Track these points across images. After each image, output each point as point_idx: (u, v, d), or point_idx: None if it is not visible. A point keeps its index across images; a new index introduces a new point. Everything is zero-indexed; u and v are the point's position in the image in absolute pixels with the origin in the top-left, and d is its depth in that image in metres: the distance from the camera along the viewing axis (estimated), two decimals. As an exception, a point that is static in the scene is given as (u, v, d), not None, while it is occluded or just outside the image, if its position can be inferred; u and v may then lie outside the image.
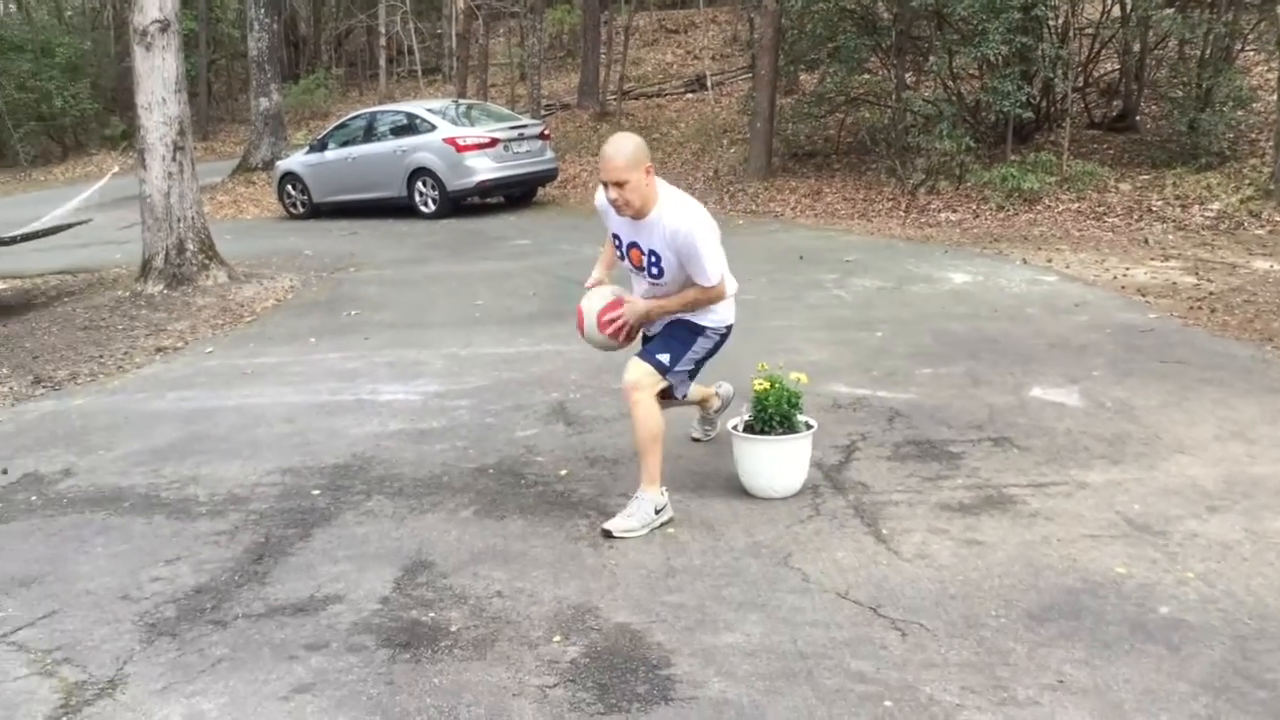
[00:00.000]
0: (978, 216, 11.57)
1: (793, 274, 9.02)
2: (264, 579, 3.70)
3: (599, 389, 5.90)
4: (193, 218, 9.81)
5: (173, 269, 9.63)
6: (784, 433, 4.22)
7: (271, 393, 6.22)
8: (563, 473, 4.65)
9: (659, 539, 3.91)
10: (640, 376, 4.09)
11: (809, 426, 4.29)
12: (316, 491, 4.53)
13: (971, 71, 14.05)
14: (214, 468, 4.91)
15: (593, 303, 4.27)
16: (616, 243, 4.21)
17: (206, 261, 9.86)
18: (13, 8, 30.16)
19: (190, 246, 9.74)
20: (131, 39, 9.80)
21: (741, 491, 4.30)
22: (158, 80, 9.56)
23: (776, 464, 4.24)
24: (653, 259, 4.04)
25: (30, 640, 3.33)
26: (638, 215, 3.94)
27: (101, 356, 7.47)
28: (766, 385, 4.25)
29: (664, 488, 4.10)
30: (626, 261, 4.21)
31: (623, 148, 3.83)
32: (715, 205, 13.83)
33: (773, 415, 4.23)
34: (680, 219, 3.89)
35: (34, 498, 4.62)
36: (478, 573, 3.69)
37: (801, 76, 17.45)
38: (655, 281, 4.11)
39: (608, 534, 3.94)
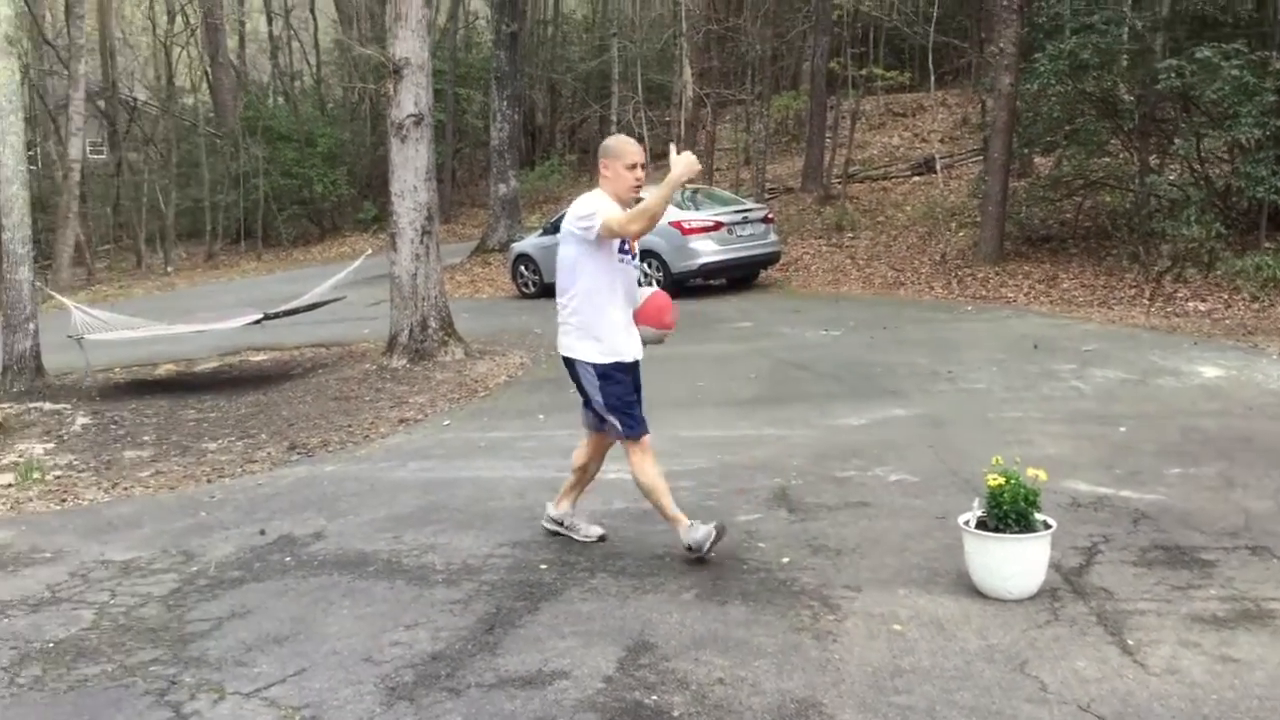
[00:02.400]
0: (1229, 307, 10.87)
1: (1026, 363, 8.71)
2: (495, 649, 3.82)
3: (821, 476, 5.84)
4: (435, 297, 10.39)
5: (416, 345, 10.19)
6: (1020, 531, 4.06)
7: (503, 466, 6.46)
8: (785, 560, 4.61)
9: (886, 635, 3.81)
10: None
11: (1047, 526, 4.11)
12: (544, 566, 4.65)
13: (1221, 154, 13.33)
14: (450, 537, 5.13)
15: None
16: (624, 244, 4.63)
17: (446, 338, 10.40)
18: (281, 100, 33.02)
19: (432, 324, 10.31)
20: (389, 131, 10.56)
21: (973, 590, 4.14)
22: (410, 170, 10.24)
23: (1012, 564, 4.07)
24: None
25: (281, 697, 3.54)
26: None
27: (350, 425, 7.96)
28: (1002, 481, 4.10)
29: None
30: (626, 253, 4.67)
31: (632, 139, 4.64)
32: (943, 289, 13.56)
33: (1008, 512, 4.07)
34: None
35: (288, 558, 4.95)
36: (699, 658, 3.69)
37: (1036, 160, 17.00)
38: (634, 260, 4.80)
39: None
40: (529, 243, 16.60)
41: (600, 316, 4.59)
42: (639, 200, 4.49)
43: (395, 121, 10.36)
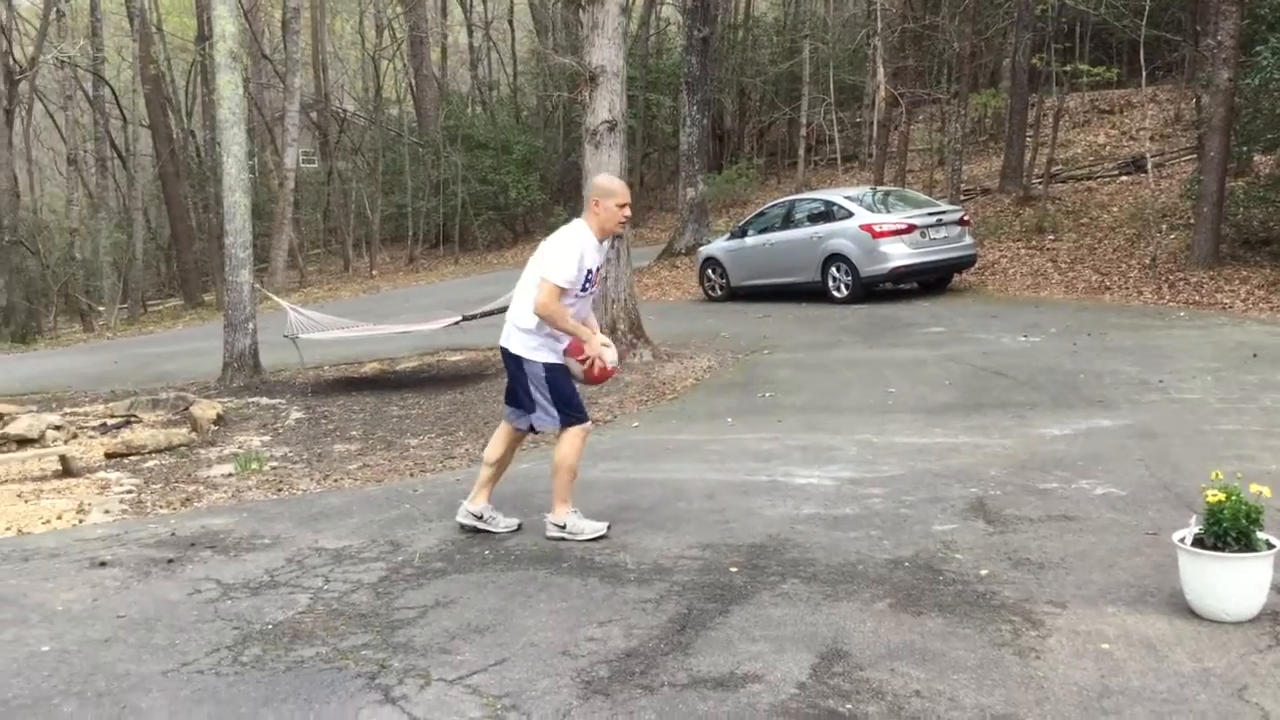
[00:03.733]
0: None
1: (1244, 373, 8.19)
2: (687, 649, 3.85)
3: (1022, 487, 5.65)
4: (625, 299, 10.55)
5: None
6: (1241, 550, 3.82)
7: (691, 469, 6.51)
8: (983, 572, 4.48)
9: (1092, 654, 3.66)
10: None
11: (1270, 545, 3.86)
12: (734, 569, 4.66)
13: None
14: (640, 537, 5.20)
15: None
16: (589, 277, 4.99)
17: (635, 340, 10.55)
18: (479, 109, 34.19)
19: (621, 326, 10.47)
20: (583, 138, 10.79)
21: (1187, 611, 3.93)
22: (603, 175, 10.42)
23: (1231, 584, 3.84)
24: (603, 270, 5.29)
25: (483, 685, 3.67)
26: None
27: (543, 425, 8.17)
28: (1222, 497, 3.87)
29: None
30: (589, 289, 5.05)
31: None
32: (1153, 295, 12.91)
33: (1228, 530, 3.85)
34: None
35: (487, 552, 5.12)
36: (895, 669, 3.62)
37: (1256, 158, 15.94)
38: (594, 288, 5.19)
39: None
40: (716, 246, 16.67)
41: (557, 337, 5.06)
42: (619, 235, 5.18)
43: (590, 128, 10.57)
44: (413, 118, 34.64)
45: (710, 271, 16.43)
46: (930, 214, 14.63)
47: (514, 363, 5.13)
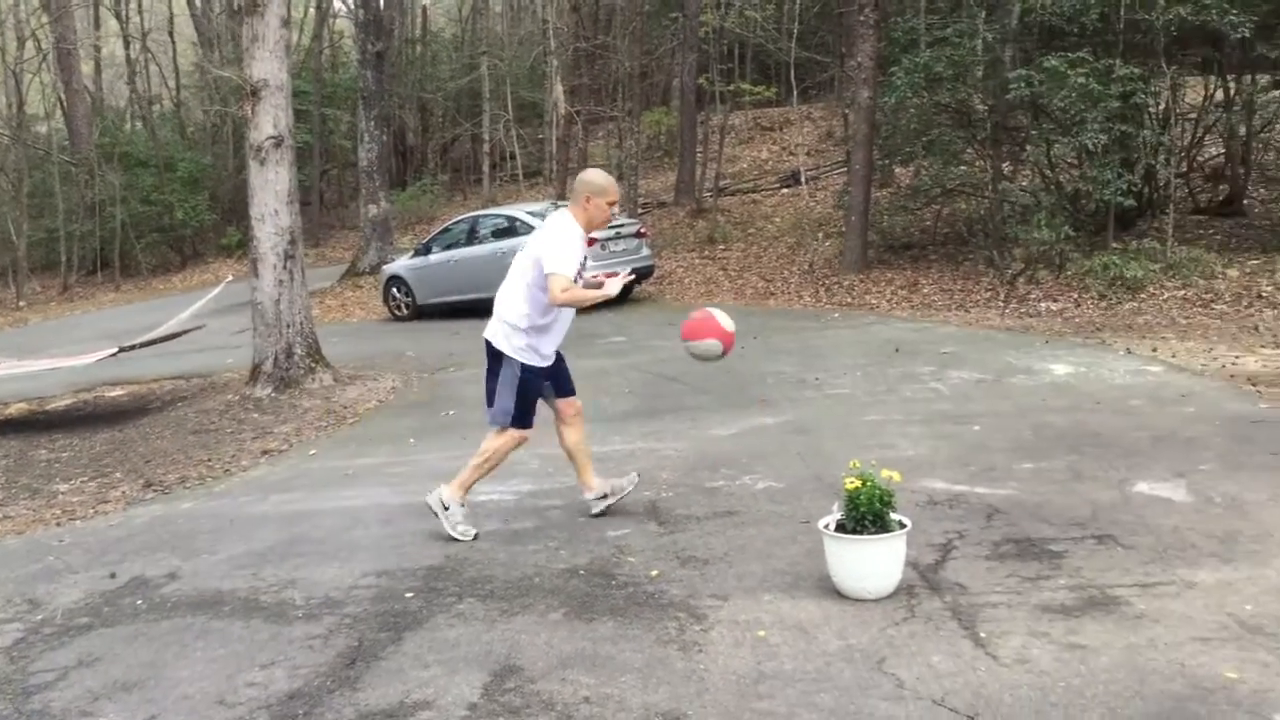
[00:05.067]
0: (1079, 306, 11.35)
1: (888, 367, 8.93)
2: (355, 684, 3.74)
3: (692, 487, 5.89)
4: (301, 323, 10.16)
5: (281, 373, 9.95)
6: (876, 532, 4.15)
7: (370, 494, 6.34)
8: (653, 573, 4.63)
9: (750, 642, 3.85)
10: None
11: (902, 525, 4.21)
12: (410, 594, 4.58)
13: (1070, 160, 13.92)
14: (311, 570, 5.01)
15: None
16: (583, 267, 5.09)
17: (313, 365, 10.18)
18: (139, 125, 31.97)
19: (298, 351, 10.07)
20: (247, 154, 10.31)
21: (835, 593, 4.22)
22: (270, 193, 10.01)
23: (869, 564, 4.16)
24: (583, 261, 5.17)
25: (131, 742, 3.41)
26: None
27: (210, 460, 7.72)
28: (858, 483, 4.19)
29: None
30: (577, 282, 5.05)
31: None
32: (811, 298, 13.83)
33: (865, 514, 4.16)
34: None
35: (139, 601, 4.76)
36: (566, 678, 3.67)
37: (897, 170, 17.49)
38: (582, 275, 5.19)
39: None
40: (401, 264, 16.40)
41: (543, 336, 5.19)
42: (602, 229, 5.44)
43: (254, 144, 10.13)
44: (63, 135, 31.90)
45: (395, 290, 16.14)
46: (610, 227, 15.01)
47: (496, 359, 5.19)
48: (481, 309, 14.96)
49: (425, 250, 16.06)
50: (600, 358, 10.74)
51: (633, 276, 5.14)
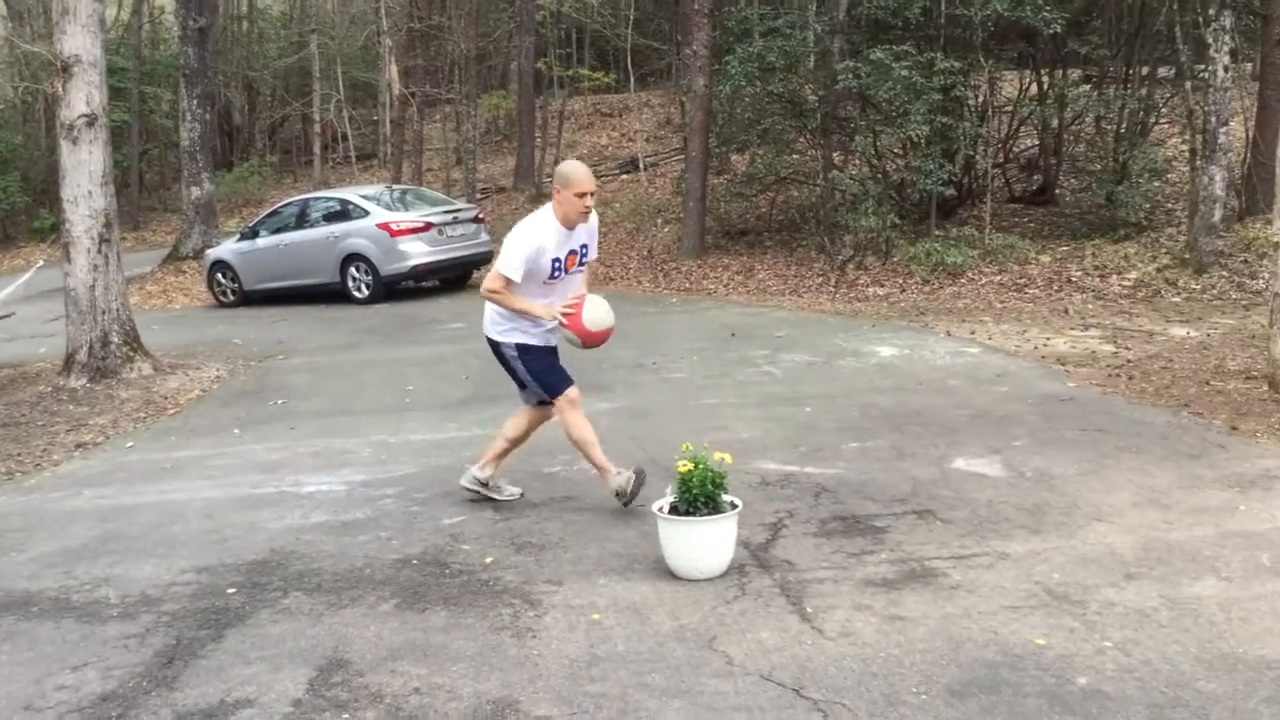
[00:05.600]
0: (904, 291, 11.78)
1: (724, 351, 9.08)
2: (173, 684, 3.58)
3: (528, 473, 5.86)
4: (118, 310, 9.67)
5: (96, 362, 9.46)
6: (709, 513, 4.21)
7: (191, 487, 6.09)
8: (488, 560, 4.58)
9: (584, 626, 3.86)
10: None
11: (734, 506, 4.28)
12: (232, 590, 4.41)
13: (896, 150, 14.42)
14: (127, 568, 4.77)
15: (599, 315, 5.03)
16: (555, 265, 4.94)
17: (131, 354, 9.71)
18: (-59, 102, 29.88)
19: (115, 339, 9.59)
20: (59, 133, 9.74)
21: (668, 574, 4.26)
22: (84, 174, 9.48)
23: (701, 545, 4.22)
24: (583, 251, 5.07)
25: (-78, 758, 3.18)
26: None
27: (19, 454, 7.28)
28: (690, 466, 4.24)
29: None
30: (561, 273, 4.99)
31: (588, 169, 5.00)
32: (650, 284, 13.95)
33: (697, 496, 4.22)
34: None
35: (-63, 605, 4.45)
36: (395, 669, 3.60)
37: (733, 157, 17.78)
38: (579, 268, 5.10)
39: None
40: (226, 249, 15.79)
41: (528, 322, 5.06)
42: (583, 222, 4.96)
43: (65, 123, 9.56)
44: None
45: (220, 275, 15.53)
46: (447, 212, 14.84)
47: (492, 347, 5.22)
48: (314, 294, 14.72)
49: (252, 234, 15.51)
50: (439, 345, 10.59)
51: (568, 316, 5.00)
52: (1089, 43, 13.72)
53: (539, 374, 5.10)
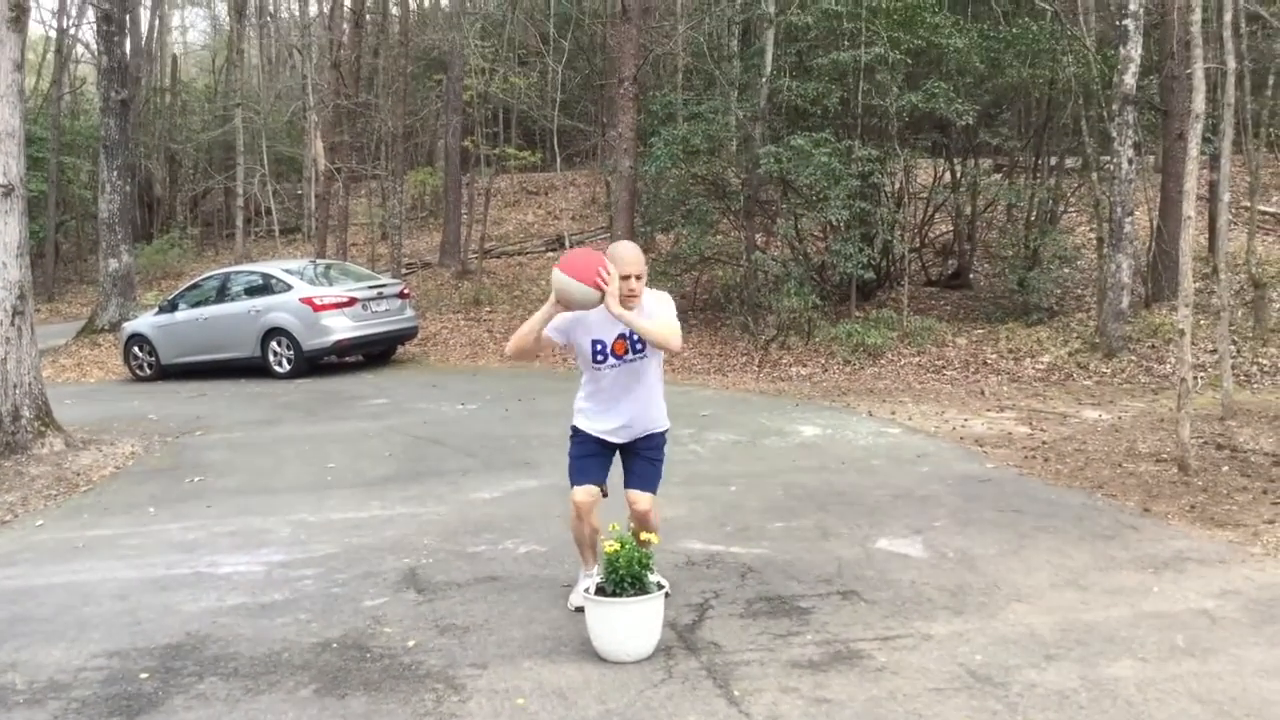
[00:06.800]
0: (826, 371, 11.97)
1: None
2: (81, 775, 3.45)
3: (453, 553, 5.79)
4: (30, 383, 9.41)
5: (6, 437, 9.16)
6: (636, 594, 4.20)
7: (103, 568, 5.90)
8: (410, 643, 4.51)
9: (509, 711, 3.81)
10: (650, 502, 4.66)
11: (660, 587, 4.28)
12: (144, 675, 4.27)
13: (816, 234, 14.76)
14: (35, 652, 4.60)
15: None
16: (598, 348, 4.57)
17: (43, 429, 9.43)
18: None
19: (26, 414, 9.31)
20: (-28, 202, 9.54)
21: (595, 656, 4.23)
22: (-2, 244, 9.29)
23: (628, 627, 4.20)
24: (634, 339, 4.55)
25: None
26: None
27: (-81, 533, 7.00)
28: (617, 546, 4.24)
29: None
30: (608, 359, 4.59)
31: (636, 248, 4.54)
32: (575, 360, 13.96)
33: (624, 576, 4.21)
34: (653, 292, 4.60)
35: None
36: (315, 757, 3.51)
37: (658, 237, 18.01)
38: (636, 356, 4.61)
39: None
40: (144, 322, 15.49)
41: (592, 407, 4.78)
42: (630, 307, 4.44)
43: (-20, 192, 9.38)
44: None
45: (137, 349, 15.22)
46: (371, 287, 14.77)
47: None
48: (234, 369, 14.48)
49: (171, 307, 15.26)
50: (361, 420, 10.47)
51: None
52: (999, 134, 14.29)
53: (570, 458, 4.82)
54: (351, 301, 14.16)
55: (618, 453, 4.82)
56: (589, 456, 4.76)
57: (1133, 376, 10.75)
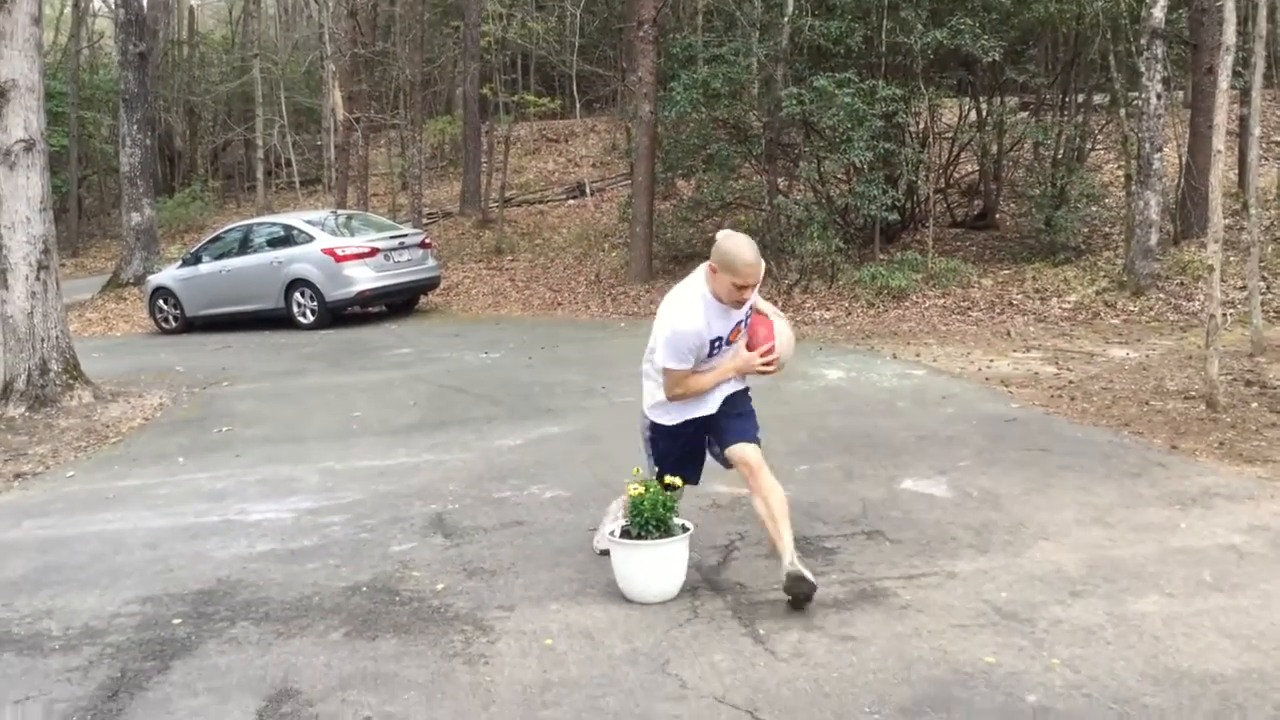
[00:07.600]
0: (850, 314, 11.90)
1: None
2: (118, 717, 3.51)
3: (479, 499, 5.83)
4: (57, 337, 9.49)
5: (35, 391, 9.26)
6: (660, 536, 4.22)
7: (134, 517, 5.98)
8: (439, 587, 4.55)
9: (537, 651, 3.84)
10: (758, 454, 4.37)
11: (685, 529, 4.29)
12: (177, 620, 4.34)
13: (840, 176, 14.59)
14: (69, 599, 4.67)
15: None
16: (716, 344, 4.30)
17: (71, 382, 9.52)
18: None
19: (54, 367, 9.40)
20: (-5, 158, 9.57)
21: (621, 598, 4.26)
22: (22, 199, 9.32)
23: (653, 568, 4.23)
24: (744, 324, 4.38)
25: None
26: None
27: (-47, 485, 7.10)
28: (641, 490, 4.25)
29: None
30: (723, 349, 4.34)
31: (757, 254, 4.18)
32: (598, 308, 13.97)
33: (649, 520, 4.22)
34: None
35: None
36: (346, 699, 3.56)
37: (679, 183, 17.89)
38: (744, 336, 4.41)
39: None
40: (168, 275, 15.57)
41: (682, 405, 4.44)
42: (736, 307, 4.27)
43: (3, 148, 9.37)
44: None
45: (162, 302, 15.30)
46: (393, 237, 14.76)
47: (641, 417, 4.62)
48: (258, 321, 14.55)
49: (194, 260, 15.32)
50: (385, 370, 10.51)
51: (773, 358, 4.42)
52: (1026, 71, 14.04)
53: (656, 459, 4.53)
54: (374, 252, 14.16)
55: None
56: (678, 453, 4.52)
57: (1161, 314, 10.64)
